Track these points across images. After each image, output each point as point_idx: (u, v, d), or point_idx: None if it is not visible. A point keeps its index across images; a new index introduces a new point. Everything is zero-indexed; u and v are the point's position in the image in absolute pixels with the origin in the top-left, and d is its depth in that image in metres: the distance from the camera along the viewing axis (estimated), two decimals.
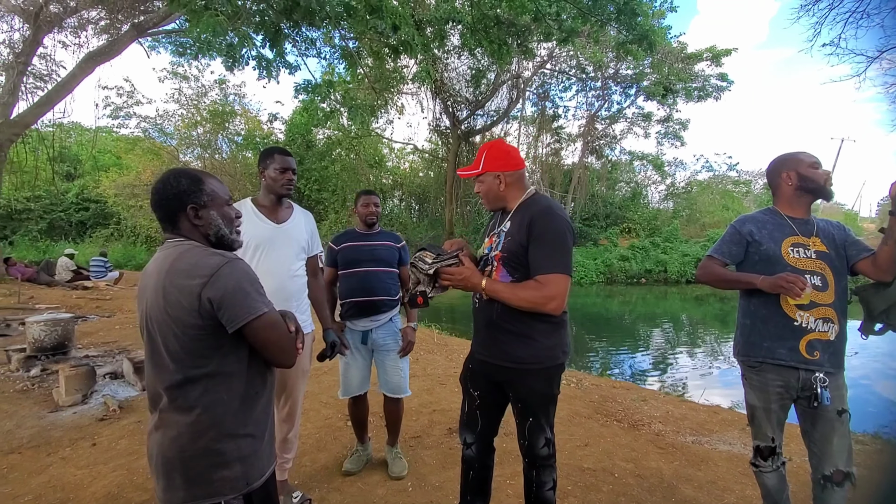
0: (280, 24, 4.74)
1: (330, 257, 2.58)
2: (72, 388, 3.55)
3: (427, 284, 1.64)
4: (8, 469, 2.61)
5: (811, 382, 1.72)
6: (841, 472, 1.71)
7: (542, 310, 1.57)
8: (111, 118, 18.49)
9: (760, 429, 1.87)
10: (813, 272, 1.74)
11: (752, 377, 1.86)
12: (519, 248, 1.63)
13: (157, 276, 1.15)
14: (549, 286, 1.55)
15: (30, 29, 10.68)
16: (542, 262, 1.57)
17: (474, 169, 1.76)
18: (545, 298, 1.55)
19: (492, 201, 1.78)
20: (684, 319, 11.49)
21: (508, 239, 1.67)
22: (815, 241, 1.78)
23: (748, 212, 12.18)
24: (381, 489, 2.47)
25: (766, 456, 1.87)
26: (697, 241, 19.46)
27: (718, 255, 1.92)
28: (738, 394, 1.96)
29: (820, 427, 1.75)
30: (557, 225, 1.60)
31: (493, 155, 1.73)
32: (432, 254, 1.65)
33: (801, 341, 1.73)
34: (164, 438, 1.14)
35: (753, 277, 1.77)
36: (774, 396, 1.80)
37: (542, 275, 1.56)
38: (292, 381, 2.15)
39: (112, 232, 19.71)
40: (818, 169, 1.80)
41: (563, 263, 1.57)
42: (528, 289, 1.57)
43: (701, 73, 19.38)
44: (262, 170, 2.12)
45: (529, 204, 1.70)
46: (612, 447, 3.04)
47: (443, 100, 20.89)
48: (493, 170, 1.72)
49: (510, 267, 1.66)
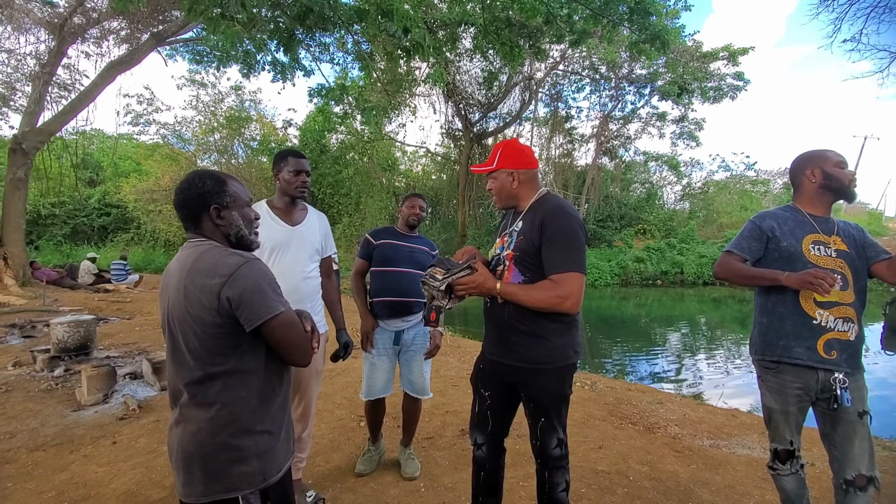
0: (294, 30, 4.82)
1: (366, 250, 2.55)
2: (93, 387, 3.64)
3: (441, 298, 1.64)
4: (33, 466, 2.69)
5: (830, 384, 1.68)
6: (864, 476, 1.66)
7: (559, 309, 1.57)
8: (132, 125, 19.00)
9: (778, 431, 1.83)
10: (833, 270, 1.69)
11: (768, 378, 1.82)
12: (531, 248, 1.63)
13: (178, 275, 1.18)
14: (564, 285, 1.55)
15: (55, 40, 11.04)
16: (556, 262, 1.57)
17: (488, 165, 1.76)
18: (561, 298, 1.54)
19: (504, 199, 1.78)
20: (701, 321, 11.28)
21: (521, 238, 1.67)
22: (836, 239, 1.74)
23: None
24: (393, 489, 2.48)
25: (783, 459, 1.83)
26: (715, 241, 19.11)
27: (738, 250, 1.86)
28: (758, 397, 1.92)
29: (840, 430, 1.71)
30: (570, 224, 1.59)
31: (508, 152, 1.73)
32: (442, 269, 1.65)
33: (819, 340, 1.69)
34: (184, 433, 1.17)
35: (778, 274, 1.71)
36: (792, 399, 1.76)
37: (557, 274, 1.56)
38: (306, 381, 2.18)
39: (132, 236, 20.19)
40: (844, 168, 1.77)
41: (576, 262, 1.57)
42: (544, 289, 1.57)
43: (717, 72, 19.06)
44: (276, 172, 2.16)
45: (541, 204, 1.70)
46: (627, 450, 3.00)
47: (455, 102, 20.93)
48: (507, 167, 1.72)
49: (522, 266, 1.66)
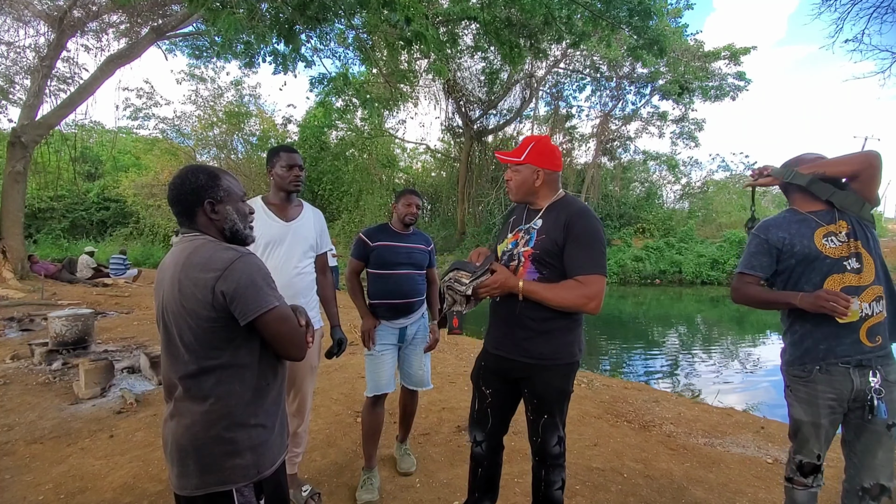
0: (295, 20, 4.80)
1: (361, 251, 2.48)
2: (91, 381, 3.65)
3: (462, 303, 1.64)
4: (30, 458, 2.70)
5: (865, 393, 1.60)
6: (880, 485, 1.63)
7: (583, 309, 1.60)
8: (131, 119, 18.94)
9: (806, 444, 1.72)
10: (849, 256, 1.65)
11: (798, 389, 1.73)
12: (554, 248, 1.63)
13: (173, 269, 1.19)
14: (590, 286, 1.57)
15: (54, 33, 11.00)
16: (582, 263, 1.59)
17: (516, 156, 1.75)
18: (586, 298, 1.57)
19: (521, 193, 1.77)
20: (699, 321, 11.30)
21: (542, 237, 1.67)
22: (841, 224, 1.69)
23: (768, 212, 11.88)
24: (389, 485, 2.49)
25: (807, 473, 1.73)
26: (714, 241, 19.12)
27: (749, 270, 1.79)
28: (753, 396, 1.92)
29: (865, 439, 1.65)
30: (596, 226, 1.62)
31: (539, 150, 1.73)
32: (467, 272, 1.64)
33: (860, 331, 1.62)
34: (179, 426, 1.18)
35: (791, 297, 1.65)
36: (825, 410, 1.67)
37: (584, 275, 1.58)
38: (300, 376, 2.18)
39: (131, 231, 20.18)
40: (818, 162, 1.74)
41: (601, 264, 1.60)
42: (570, 288, 1.59)
43: (718, 71, 19.05)
44: (269, 169, 2.16)
45: (564, 204, 1.70)
46: (622, 447, 3.02)
47: (455, 99, 20.91)
48: (535, 164, 1.72)
49: (539, 264, 1.67)
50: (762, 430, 3.44)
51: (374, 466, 2.48)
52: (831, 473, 2.39)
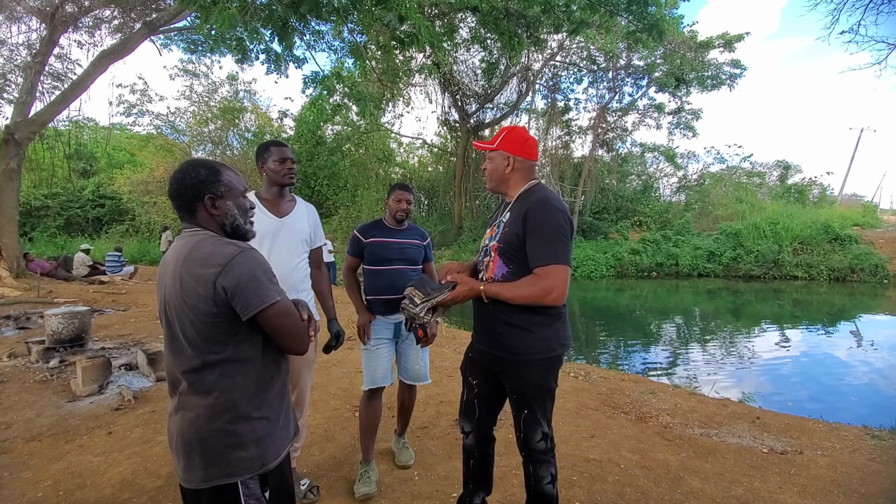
0: (288, 18, 4.77)
1: (355, 248, 2.50)
2: (89, 378, 3.65)
3: (424, 316, 1.66)
4: (28, 455, 2.70)
5: None
6: None
7: (543, 302, 1.57)
8: (125, 115, 18.78)
9: None
10: None
11: None
12: (515, 240, 1.62)
13: (174, 265, 1.19)
14: (547, 278, 1.54)
15: (46, 29, 10.87)
16: (539, 254, 1.57)
17: (490, 144, 1.76)
18: (545, 291, 1.54)
19: (494, 181, 1.78)
20: (696, 313, 11.35)
21: (506, 230, 1.67)
22: None
23: (763, 205, 11.87)
24: (387, 478, 2.51)
25: None
26: (710, 234, 19.16)
27: None
28: (749, 387, 1.93)
29: None
30: (553, 216, 1.58)
31: (512, 137, 1.73)
32: (421, 293, 1.67)
33: None
34: (184, 420, 1.19)
35: None
36: None
37: (540, 267, 1.56)
38: (297, 370, 2.19)
39: (127, 228, 20.07)
40: None
41: (560, 254, 1.56)
42: (527, 285, 1.57)
43: (713, 61, 19.01)
44: (261, 165, 2.14)
45: (528, 195, 1.69)
46: (619, 438, 3.04)
47: (451, 93, 20.78)
48: (506, 150, 1.72)
49: (506, 258, 1.66)
50: (757, 421, 3.47)
51: (372, 460, 2.49)
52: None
